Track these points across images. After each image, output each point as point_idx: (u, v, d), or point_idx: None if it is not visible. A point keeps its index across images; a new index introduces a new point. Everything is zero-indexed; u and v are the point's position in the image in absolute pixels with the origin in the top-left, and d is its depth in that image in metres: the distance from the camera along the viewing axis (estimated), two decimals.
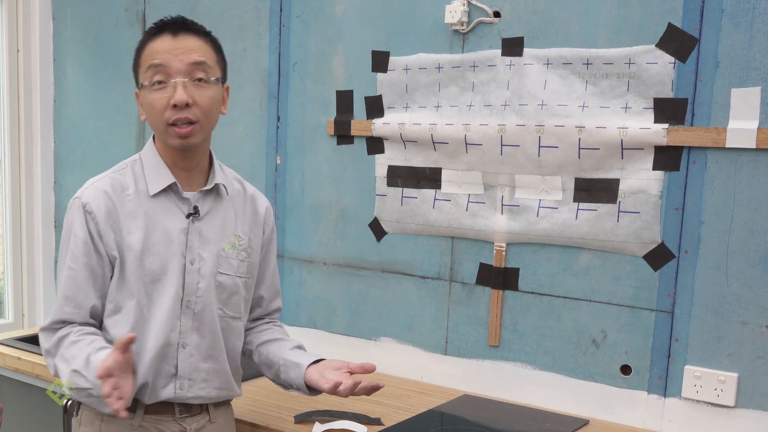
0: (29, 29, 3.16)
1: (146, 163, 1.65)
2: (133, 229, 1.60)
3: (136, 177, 1.64)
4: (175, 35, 1.58)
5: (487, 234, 2.17)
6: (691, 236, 1.88)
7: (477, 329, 2.22)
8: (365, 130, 2.34)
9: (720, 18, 1.80)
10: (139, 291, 1.60)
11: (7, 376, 2.43)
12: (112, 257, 1.60)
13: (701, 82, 1.83)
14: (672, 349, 1.93)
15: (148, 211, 1.62)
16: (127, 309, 1.61)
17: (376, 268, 2.40)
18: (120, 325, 1.61)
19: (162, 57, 1.56)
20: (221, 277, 1.67)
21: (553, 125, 2.00)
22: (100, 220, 1.59)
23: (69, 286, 1.60)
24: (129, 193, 1.62)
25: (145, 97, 1.60)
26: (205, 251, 1.65)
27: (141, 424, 1.64)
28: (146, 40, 1.61)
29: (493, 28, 2.11)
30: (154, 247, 1.61)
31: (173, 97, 1.55)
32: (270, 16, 2.54)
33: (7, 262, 3.23)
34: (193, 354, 1.65)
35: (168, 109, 1.56)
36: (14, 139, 3.18)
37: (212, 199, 1.68)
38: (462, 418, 2.01)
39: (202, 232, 1.65)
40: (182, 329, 1.63)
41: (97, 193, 1.61)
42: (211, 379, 1.68)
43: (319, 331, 2.53)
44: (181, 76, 1.56)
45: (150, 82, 1.57)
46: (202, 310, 1.65)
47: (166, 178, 1.63)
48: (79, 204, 1.61)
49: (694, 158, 1.86)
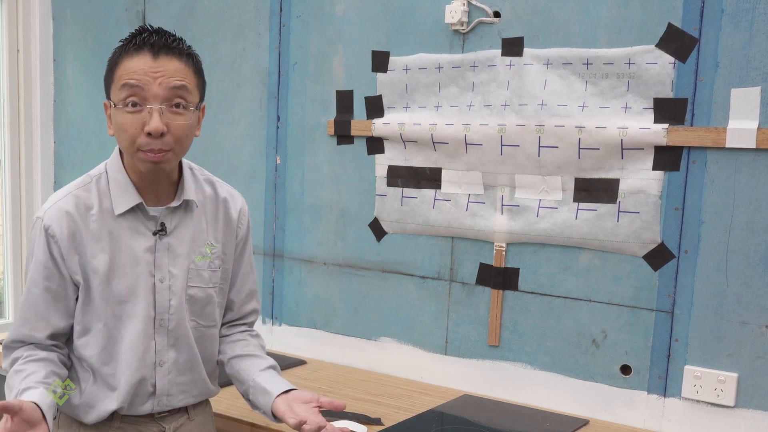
0: (29, 29, 3.16)
1: (111, 179, 1.56)
2: (98, 252, 1.54)
3: (101, 194, 1.56)
4: (155, 56, 1.47)
5: (487, 234, 2.17)
6: (691, 236, 1.88)
7: (477, 329, 2.22)
8: (365, 130, 2.34)
9: (720, 18, 1.80)
10: (107, 313, 1.55)
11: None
12: (76, 281, 1.55)
13: (701, 82, 1.83)
14: (672, 349, 1.93)
15: (113, 231, 1.55)
16: (95, 331, 1.56)
17: (376, 268, 2.40)
18: (90, 347, 1.57)
19: (139, 78, 1.46)
20: (192, 290, 1.62)
21: (553, 125, 2.00)
22: (63, 244, 1.52)
23: (27, 309, 1.56)
24: (93, 212, 1.54)
25: (116, 116, 1.50)
26: (175, 267, 1.59)
27: (120, 426, 1.62)
28: (122, 53, 1.50)
29: (493, 28, 2.11)
30: (120, 269, 1.55)
31: (148, 124, 1.45)
32: (270, 16, 2.54)
33: (7, 262, 3.23)
34: (171, 371, 1.62)
35: (141, 135, 1.47)
36: (14, 139, 3.18)
37: (181, 213, 1.61)
38: (462, 418, 2.01)
39: (171, 247, 1.59)
40: (158, 348, 1.59)
41: (59, 214, 1.53)
42: (189, 389, 1.66)
43: (319, 331, 2.53)
44: (158, 102, 1.46)
45: (123, 103, 1.47)
46: (176, 326, 1.60)
47: (131, 197, 1.55)
48: (41, 226, 1.53)
49: (694, 158, 1.86)
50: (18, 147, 3.19)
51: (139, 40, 1.49)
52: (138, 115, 1.47)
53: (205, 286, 1.64)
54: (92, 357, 1.57)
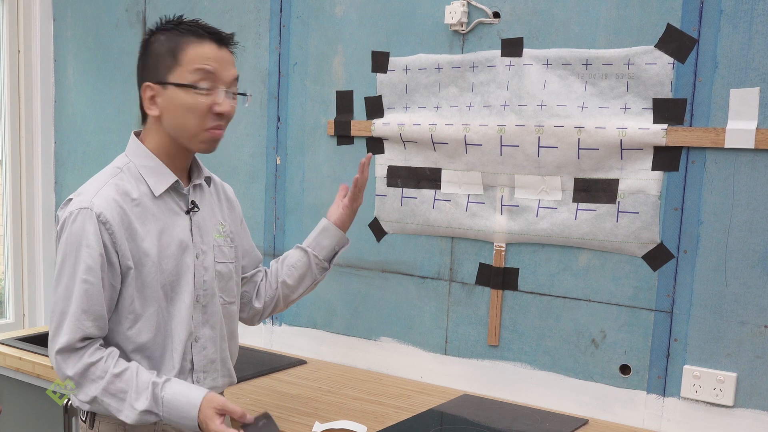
0: (30, 30, 3.17)
1: (140, 165, 1.61)
2: (146, 235, 1.58)
3: (135, 180, 1.61)
4: (219, 45, 1.59)
5: (486, 234, 2.17)
6: (690, 236, 1.88)
7: (477, 329, 2.23)
8: (365, 130, 2.35)
9: (719, 19, 1.80)
10: (159, 295, 1.59)
11: (7, 376, 2.43)
12: (126, 267, 1.56)
13: (700, 83, 1.84)
14: (671, 349, 1.93)
15: (155, 213, 1.60)
16: (147, 315, 1.59)
17: (376, 268, 2.40)
18: (144, 333, 1.59)
19: (213, 64, 1.57)
20: (219, 266, 1.70)
21: (552, 125, 2.01)
22: (116, 230, 1.55)
23: (86, 299, 1.53)
24: (134, 197, 1.59)
25: (179, 97, 1.56)
26: (204, 244, 1.67)
27: (164, 429, 1.64)
28: (184, 40, 1.57)
29: (492, 28, 2.11)
30: (167, 248, 1.60)
31: (220, 105, 1.57)
32: (270, 17, 2.54)
33: (8, 262, 3.24)
34: (206, 346, 1.67)
35: (209, 115, 1.57)
36: (15, 139, 3.18)
37: (200, 192, 1.69)
38: (462, 418, 2.01)
39: (200, 225, 1.66)
40: (194, 323, 1.65)
41: (108, 201, 1.55)
42: (220, 368, 1.71)
43: (319, 331, 2.53)
44: (226, 87, 1.59)
45: (198, 86, 1.55)
46: (209, 301, 1.67)
47: (167, 177, 1.62)
48: (91, 214, 1.54)
49: (693, 158, 1.87)
50: (18, 147, 3.20)
51: (197, 28, 1.60)
52: (209, 97, 1.57)
53: (228, 261, 1.72)
54: (148, 342, 1.60)
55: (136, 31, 2.92)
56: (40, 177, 3.22)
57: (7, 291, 3.26)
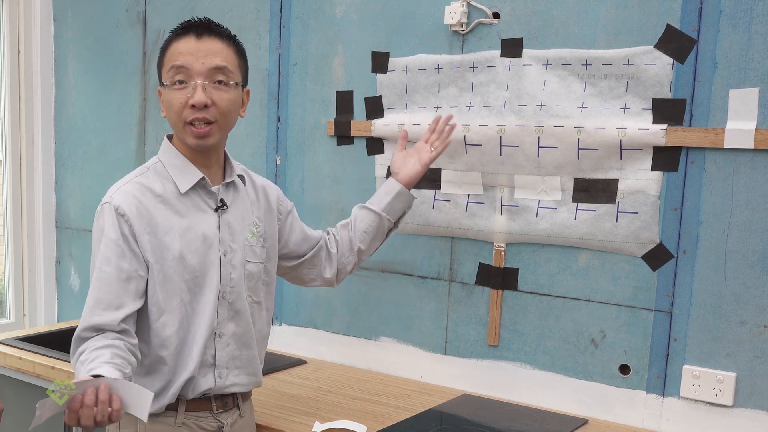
0: (30, 30, 3.17)
1: (168, 164, 1.67)
2: (168, 230, 1.62)
3: (162, 178, 1.66)
4: (199, 37, 1.61)
5: (486, 234, 2.17)
6: (689, 236, 1.89)
7: (476, 329, 2.23)
8: (365, 130, 2.35)
9: (718, 19, 1.80)
10: (182, 289, 1.63)
11: (8, 375, 2.43)
12: (147, 260, 1.61)
13: (699, 83, 1.84)
14: (671, 349, 1.94)
15: (180, 210, 1.64)
16: (171, 308, 1.63)
17: (375, 268, 2.40)
18: (169, 326, 1.63)
19: (184, 59, 1.59)
20: (249, 265, 1.73)
21: (552, 126, 2.01)
22: (134, 222, 1.60)
23: (100, 288, 1.58)
24: (158, 193, 1.63)
25: (165, 96, 1.64)
26: (234, 242, 1.70)
27: (183, 422, 1.68)
28: (171, 39, 1.64)
29: (492, 29, 2.12)
30: (191, 244, 1.63)
31: (192, 97, 1.59)
32: (270, 17, 2.54)
33: (8, 262, 3.24)
34: (230, 343, 1.70)
35: (186, 108, 1.60)
36: (15, 140, 3.19)
37: (233, 191, 1.73)
38: (462, 418, 2.01)
39: (229, 223, 1.70)
40: (219, 319, 1.68)
41: (127, 196, 1.61)
42: (244, 366, 1.74)
43: (319, 331, 2.54)
44: (201, 78, 1.59)
45: (171, 82, 1.61)
46: (236, 299, 1.70)
47: (193, 174, 1.66)
48: (110, 208, 1.60)
49: (692, 159, 1.87)
50: (19, 147, 3.20)
51: (184, 26, 1.64)
52: (184, 92, 1.60)
53: (258, 261, 1.75)
54: (172, 335, 1.63)
55: (136, 31, 2.93)
56: (41, 177, 3.22)
57: (7, 291, 3.26)
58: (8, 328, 3.18)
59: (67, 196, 3.24)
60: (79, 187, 3.19)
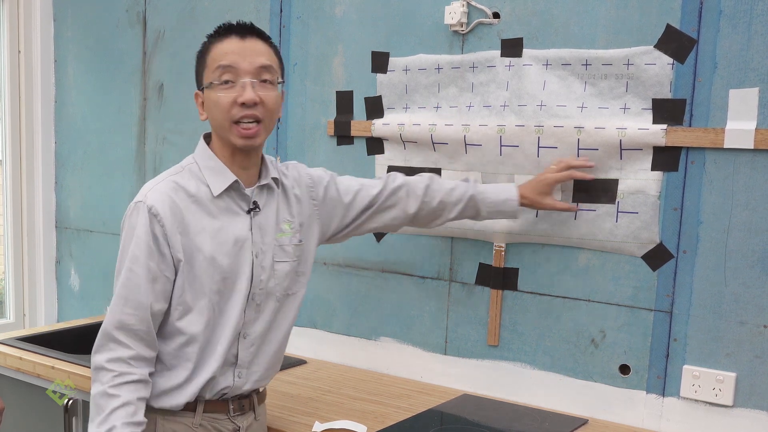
0: (30, 30, 3.17)
1: (203, 166, 1.67)
2: (200, 230, 1.62)
3: (196, 179, 1.66)
4: (242, 37, 1.62)
5: (486, 234, 2.17)
6: (689, 236, 1.89)
7: (476, 329, 2.23)
8: (365, 130, 2.35)
9: (718, 19, 1.80)
10: (211, 289, 1.64)
11: (8, 375, 2.43)
12: (177, 260, 1.61)
13: (699, 83, 1.84)
14: (670, 349, 1.94)
15: (212, 212, 1.65)
16: (198, 308, 1.64)
17: (376, 268, 2.41)
18: (194, 324, 1.64)
19: (231, 58, 1.60)
20: (278, 265, 1.73)
21: (552, 126, 2.01)
22: (167, 222, 1.60)
23: (128, 286, 1.59)
24: (192, 194, 1.64)
25: (210, 96, 1.63)
26: (264, 244, 1.70)
27: (201, 423, 1.69)
28: (211, 42, 1.65)
29: (492, 29, 2.12)
30: (222, 246, 1.64)
31: (242, 95, 1.59)
32: (270, 17, 2.55)
33: (9, 262, 3.24)
34: (254, 344, 1.71)
35: (234, 107, 1.60)
36: (15, 140, 3.19)
37: (266, 193, 1.73)
38: (461, 418, 2.01)
39: (261, 225, 1.70)
40: (245, 320, 1.69)
41: (162, 196, 1.61)
42: (263, 368, 1.75)
43: (319, 331, 2.54)
44: (249, 77, 1.60)
45: (219, 81, 1.60)
46: (264, 300, 1.71)
47: (227, 177, 1.66)
48: (144, 207, 1.60)
49: (692, 159, 1.87)
50: (19, 147, 3.20)
51: (225, 27, 1.65)
52: (231, 90, 1.60)
53: (289, 260, 1.75)
54: (197, 334, 1.64)
55: (136, 31, 2.93)
56: (41, 177, 3.23)
57: (7, 291, 3.26)
58: (8, 328, 3.18)
59: (67, 196, 3.24)
60: (79, 187, 3.19)
